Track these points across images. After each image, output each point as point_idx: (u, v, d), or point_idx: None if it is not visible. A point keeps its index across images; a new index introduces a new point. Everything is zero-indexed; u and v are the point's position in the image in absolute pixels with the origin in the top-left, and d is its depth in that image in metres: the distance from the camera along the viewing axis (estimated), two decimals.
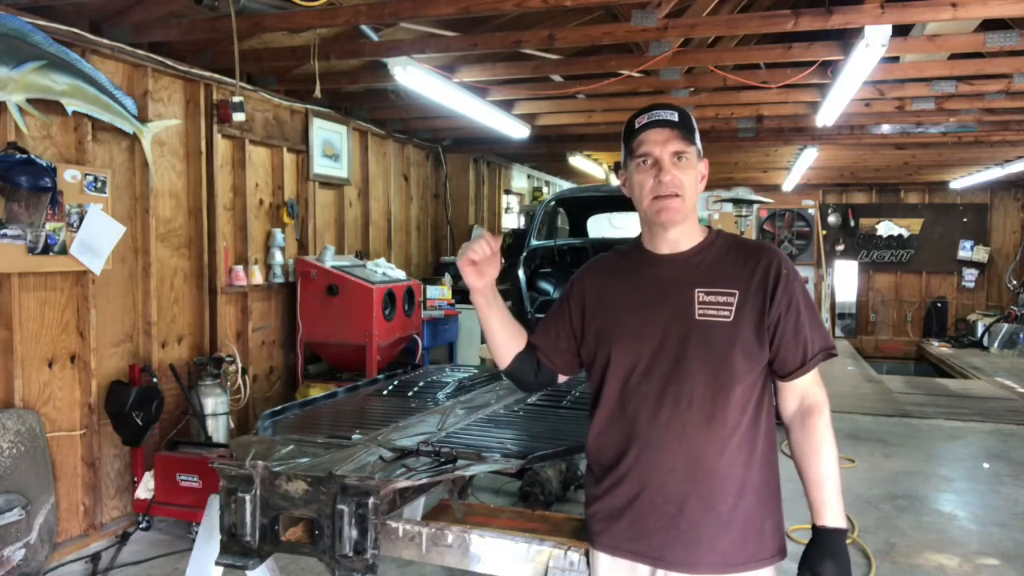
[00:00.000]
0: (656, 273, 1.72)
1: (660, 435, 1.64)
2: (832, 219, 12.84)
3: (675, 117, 1.65)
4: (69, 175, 3.73)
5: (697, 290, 1.66)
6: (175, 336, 4.52)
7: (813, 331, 1.65)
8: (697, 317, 1.64)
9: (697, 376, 1.62)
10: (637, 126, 1.66)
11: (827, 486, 1.63)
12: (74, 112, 3.72)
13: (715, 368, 1.62)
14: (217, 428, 4.37)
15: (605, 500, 1.72)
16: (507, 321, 1.85)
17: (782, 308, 1.63)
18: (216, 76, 4.65)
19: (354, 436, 2.30)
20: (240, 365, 4.75)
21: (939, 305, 12.35)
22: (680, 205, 1.64)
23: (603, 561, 1.75)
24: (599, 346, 1.75)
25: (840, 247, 12.77)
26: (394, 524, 2.09)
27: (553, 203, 6.76)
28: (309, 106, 5.62)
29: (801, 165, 9.24)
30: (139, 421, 3.96)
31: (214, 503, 2.15)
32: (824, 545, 1.62)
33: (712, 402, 1.62)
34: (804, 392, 1.67)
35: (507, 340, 1.85)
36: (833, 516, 1.63)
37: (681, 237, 1.71)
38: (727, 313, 1.63)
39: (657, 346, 1.66)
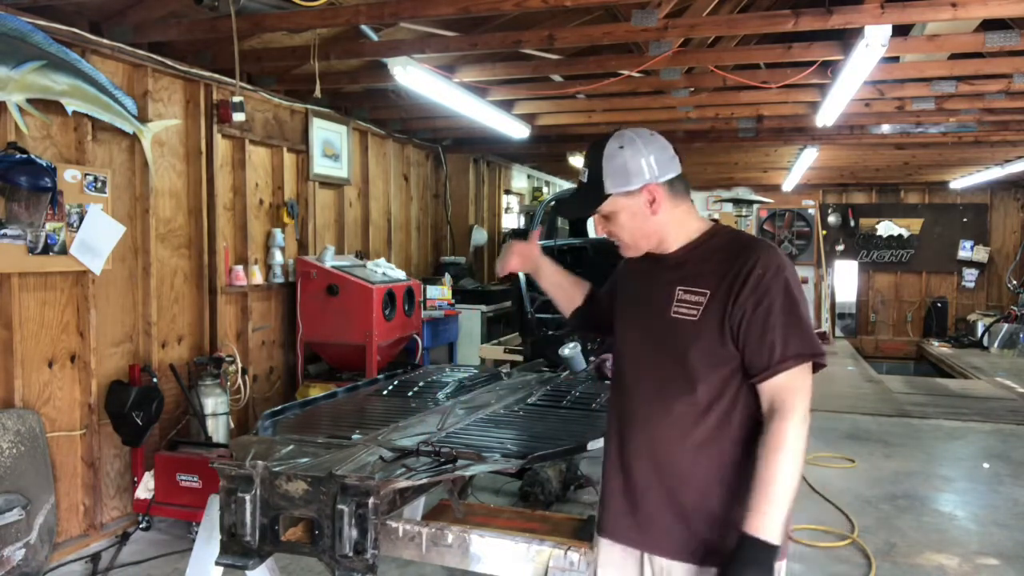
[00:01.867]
0: (651, 270, 1.78)
1: (633, 424, 1.74)
2: (832, 219, 12.84)
3: (585, 176, 1.73)
4: (69, 175, 3.73)
5: (679, 288, 1.69)
6: (175, 336, 4.52)
7: (788, 335, 1.57)
8: (671, 315, 1.68)
9: (663, 371, 1.69)
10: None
11: (761, 491, 1.53)
12: (74, 112, 3.72)
13: (676, 365, 1.66)
14: (217, 428, 4.37)
15: (603, 482, 1.84)
16: (560, 284, 2.13)
17: (747, 308, 1.58)
18: (216, 76, 4.65)
19: (354, 436, 2.30)
20: (240, 365, 4.75)
21: (939, 305, 12.34)
22: (626, 248, 1.78)
23: (602, 543, 1.83)
24: (617, 333, 1.89)
25: (840, 247, 12.77)
26: (394, 524, 2.09)
27: (553, 203, 6.75)
28: (309, 106, 5.62)
29: (801, 165, 9.24)
30: (139, 421, 3.96)
31: (214, 503, 2.15)
32: (742, 553, 1.52)
33: (673, 397, 1.66)
34: (773, 396, 1.59)
35: (561, 300, 2.14)
36: (756, 524, 1.52)
37: (665, 244, 1.75)
38: (695, 312, 1.65)
39: (639, 340, 1.77)
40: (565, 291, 2.12)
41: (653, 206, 1.69)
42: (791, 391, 1.57)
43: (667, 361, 1.67)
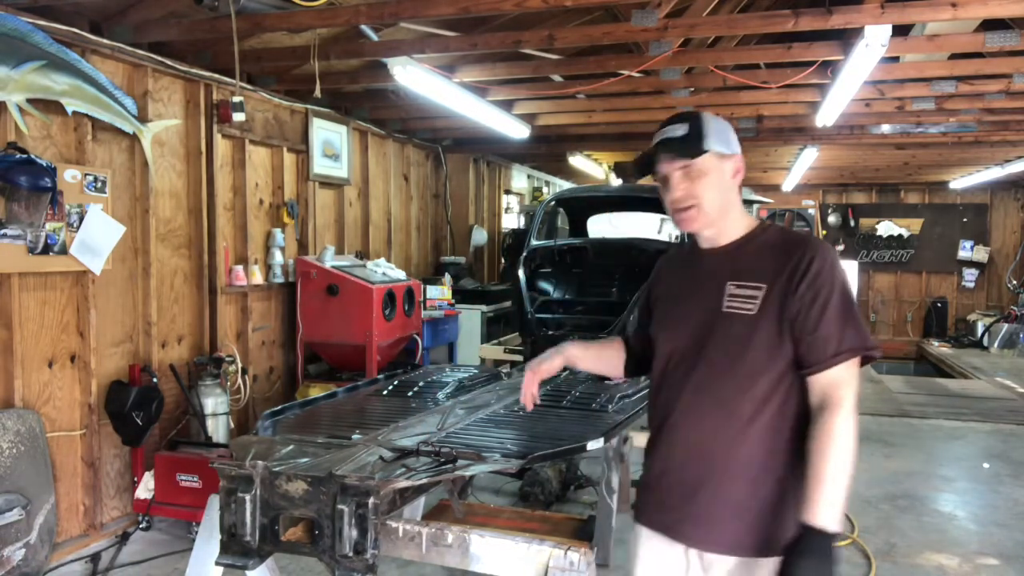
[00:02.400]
0: (699, 266, 1.81)
1: (683, 418, 1.74)
2: (832, 219, 12.84)
3: (682, 131, 1.70)
4: (69, 175, 3.73)
5: (729, 283, 1.71)
6: (175, 336, 4.52)
7: (843, 329, 1.62)
8: (724, 309, 1.70)
9: (717, 366, 1.69)
10: (652, 144, 1.75)
11: (820, 484, 1.56)
12: (74, 112, 3.72)
13: (733, 359, 1.67)
14: (217, 428, 4.37)
15: (646, 473, 1.87)
16: (598, 360, 2.12)
17: (804, 302, 1.63)
18: (216, 76, 4.65)
19: (354, 436, 2.30)
20: (240, 365, 4.75)
21: (939, 305, 12.34)
22: (695, 215, 1.72)
23: (643, 533, 1.84)
24: (653, 330, 1.90)
25: (840, 247, 12.75)
26: (394, 524, 2.09)
27: (553, 203, 6.75)
28: (309, 106, 5.62)
29: (801, 165, 9.24)
30: (139, 421, 3.96)
31: (214, 503, 2.15)
32: (805, 543, 1.56)
33: (729, 392, 1.67)
34: (824, 389, 1.63)
35: (608, 371, 2.15)
36: (819, 515, 1.55)
37: (718, 234, 1.77)
38: (751, 306, 1.67)
39: (688, 335, 1.76)
40: (605, 362, 2.12)
41: (736, 177, 1.76)
42: (842, 384, 1.62)
43: (721, 356, 1.69)
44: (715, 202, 1.72)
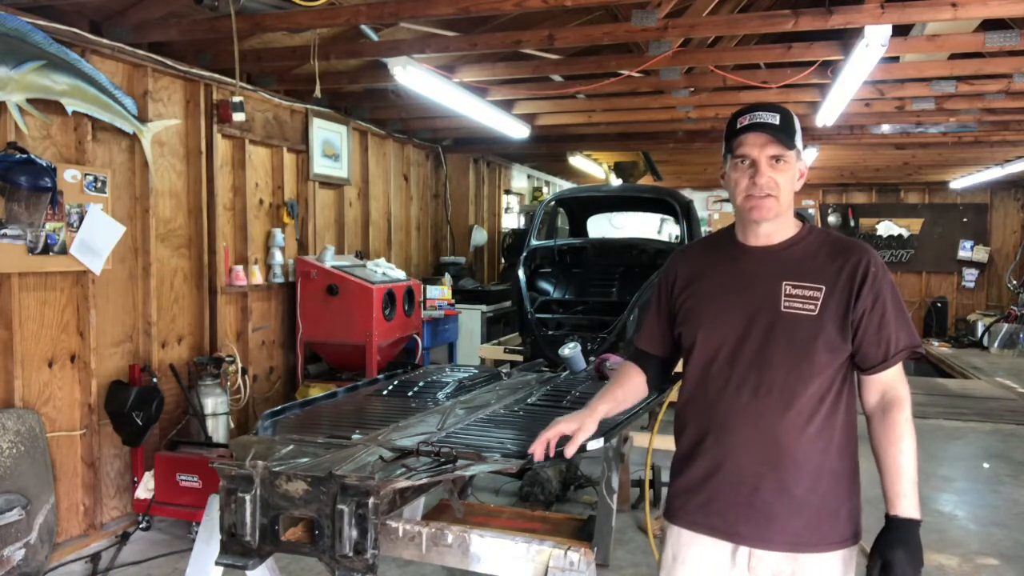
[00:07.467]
0: (746, 264, 1.80)
1: (739, 418, 1.72)
2: (832, 219, 12.83)
3: (776, 120, 1.71)
4: (69, 175, 3.73)
5: (784, 283, 1.72)
6: (175, 336, 4.52)
7: (899, 329, 1.69)
8: (783, 309, 1.71)
9: (778, 365, 1.70)
10: (738, 126, 1.73)
11: (902, 477, 1.66)
12: (74, 112, 3.72)
13: (796, 359, 1.69)
14: (217, 428, 4.37)
15: (685, 476, 1.82)
16: (624, 396, 1.98)
17: (867, 304, 1.68)
18: (216, 76, 4.65)
19: (354, 436, 2.30)
20: (240, 365, 4.75)
21: (939, 305, 12.33)
22: (773, 204, 1.72)
23: (684, 536, 1.82)
24: (686, 328, 1.84)
25: None
26: (394, 524, 2.09)
27: (553, 203, 6.75)
28: (309, 106, 5.62)
29: None
30: (139, 421, 3.96)
31: (214, 503, 2.15)
32: (896, 534, 1.64)
33: (791, 391, 1.69)
34: (886, 386, 1.72)
35: (635, 397, 2.00)
36: (907, 506, 1.65)
37: (774, 231, 1.78)
38: (812, 307, 1.69)
39: (742, 334, 1.74)
40: (631, 393, 1.99)
41: (800, 180, 1.79)
42: (900, 381, 1.73)
43: (782, 355, 1.70)
44: (787, 197, 1.75)
